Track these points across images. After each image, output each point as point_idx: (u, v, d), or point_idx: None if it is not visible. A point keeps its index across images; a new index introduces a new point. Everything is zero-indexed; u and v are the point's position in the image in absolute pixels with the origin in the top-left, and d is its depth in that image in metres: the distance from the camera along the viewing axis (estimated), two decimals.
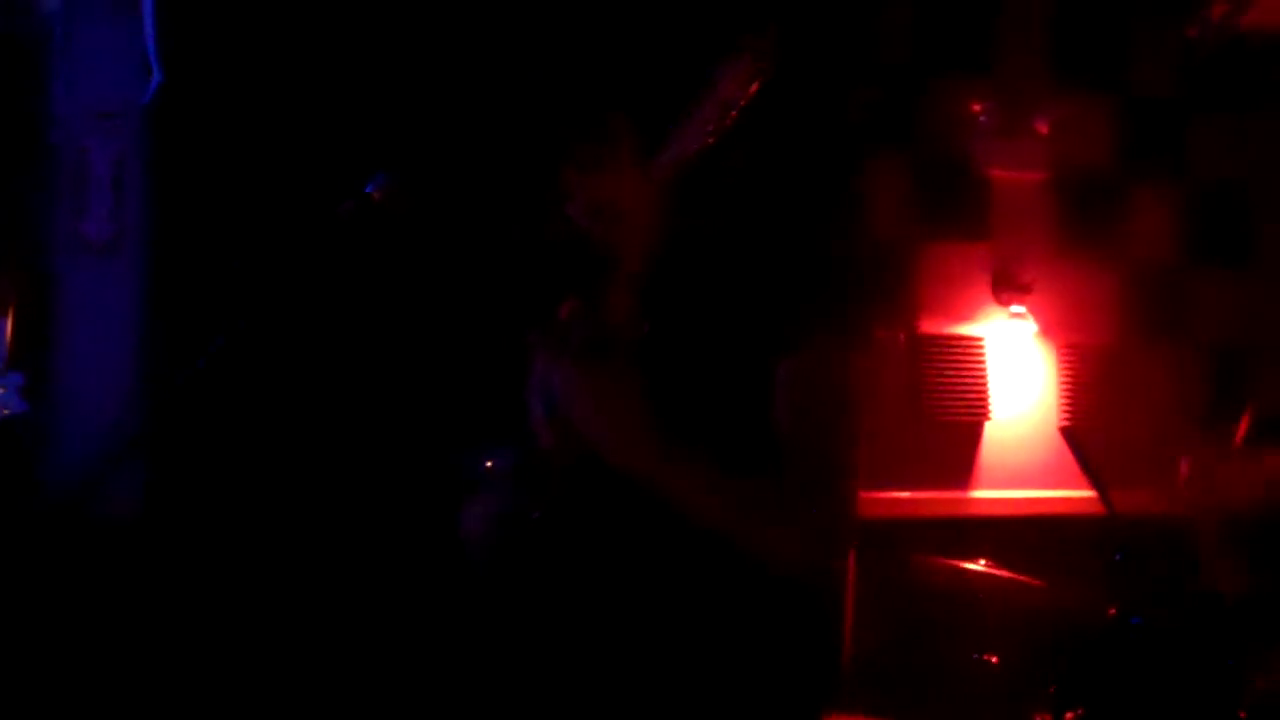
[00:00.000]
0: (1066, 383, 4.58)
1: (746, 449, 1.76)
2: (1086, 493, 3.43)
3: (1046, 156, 4.57)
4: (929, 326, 4.41)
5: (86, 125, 3.18)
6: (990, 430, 4.47)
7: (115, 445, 1.52)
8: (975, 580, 3.49)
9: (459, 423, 2.25)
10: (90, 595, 2.65)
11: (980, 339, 4.46)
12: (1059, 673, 3.22)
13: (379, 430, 2.46)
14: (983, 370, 4.45)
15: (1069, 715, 3.19)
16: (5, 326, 2.98)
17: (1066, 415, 4.55)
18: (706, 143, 1.65)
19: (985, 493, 4.45)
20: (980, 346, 4.45)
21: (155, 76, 3.01)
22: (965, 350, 4.44)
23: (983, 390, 4.44)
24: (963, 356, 4.43)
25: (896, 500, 4.25)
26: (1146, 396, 4.68)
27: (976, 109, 4.45)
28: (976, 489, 4.45)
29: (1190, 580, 3.25)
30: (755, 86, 1.63)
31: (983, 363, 4.45)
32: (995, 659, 3.48)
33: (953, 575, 3.51)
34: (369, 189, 1.65)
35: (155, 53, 3.00)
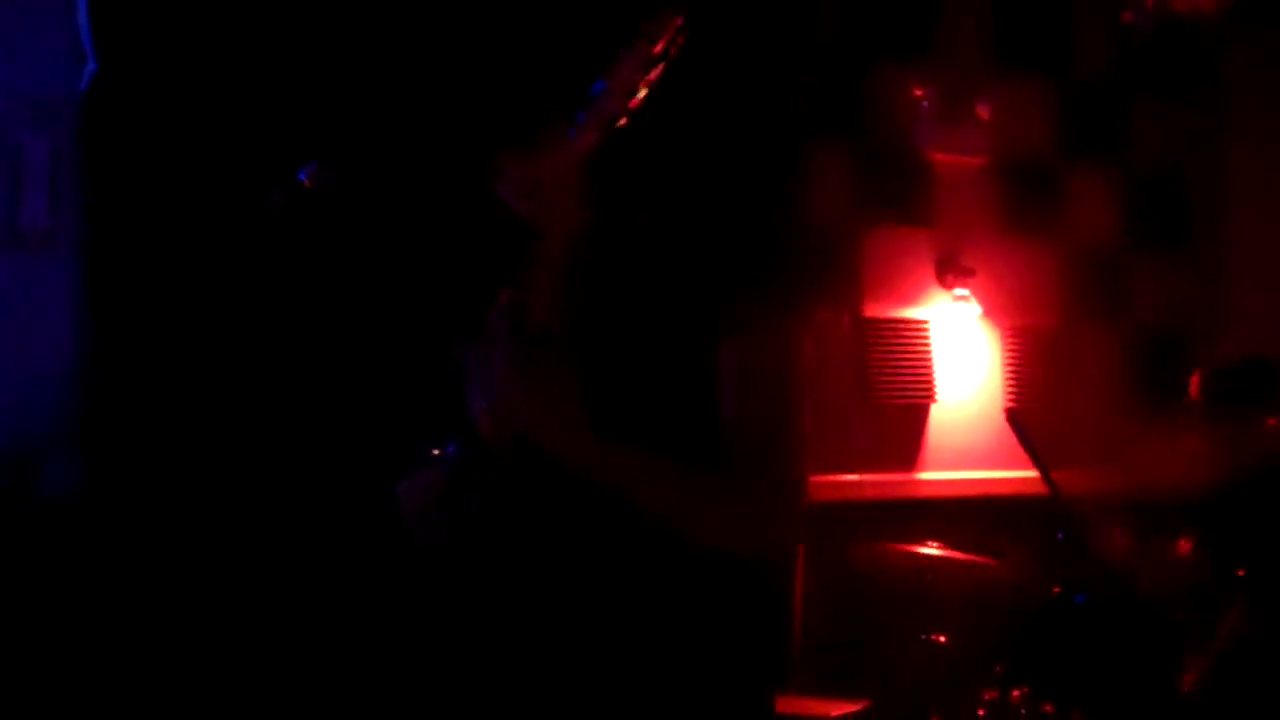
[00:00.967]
0: (1010, 364, 4.63)
1: (688, 434, 1.76)
2: (1031, 473, 3.47)
3: (988, 141, 4.61)
4: (874, 310, 4.43)
5: (20, 115, 3.13)
6: (936, 412, 4.51)
7: (51, 436, 1.50)
8: (922, 561, 3.52)
9: (397, 409, 2.25)
10: (28, 582, 2.63)
11: (925, 322, 4.49)
12: (1006, 651, 3.26)
13: (316, 417, 2.45)
14: (928, 353, 4.48)
15: (1016, 692, 3.23)
16: None
17: (1011, 396, 4.60)
18: (614, 125, 1.66)
19: (932, 474, 4.48)
20: (925, 329, 4.49)
21: (90, 65, 2.96)
22: (910, 333, 4.47)
23: (928, 372, 4.48)
24: (908, 339, 4.47)
25: (844, 483, 4.27)
26: (1088, 377, 4.74)
27: (918, 94, 4.48)
28: (923, 471, 4.49)
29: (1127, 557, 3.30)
30: (656, 72, 1.64)
31: (928, 345, 4.48)
32: (943, 638, 3.51)
33: (899, 559, 3.54)
34: (301, 176, 1.64)
35: (90, 41, 2.96)
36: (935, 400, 4.48)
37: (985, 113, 4.57)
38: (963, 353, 4.55)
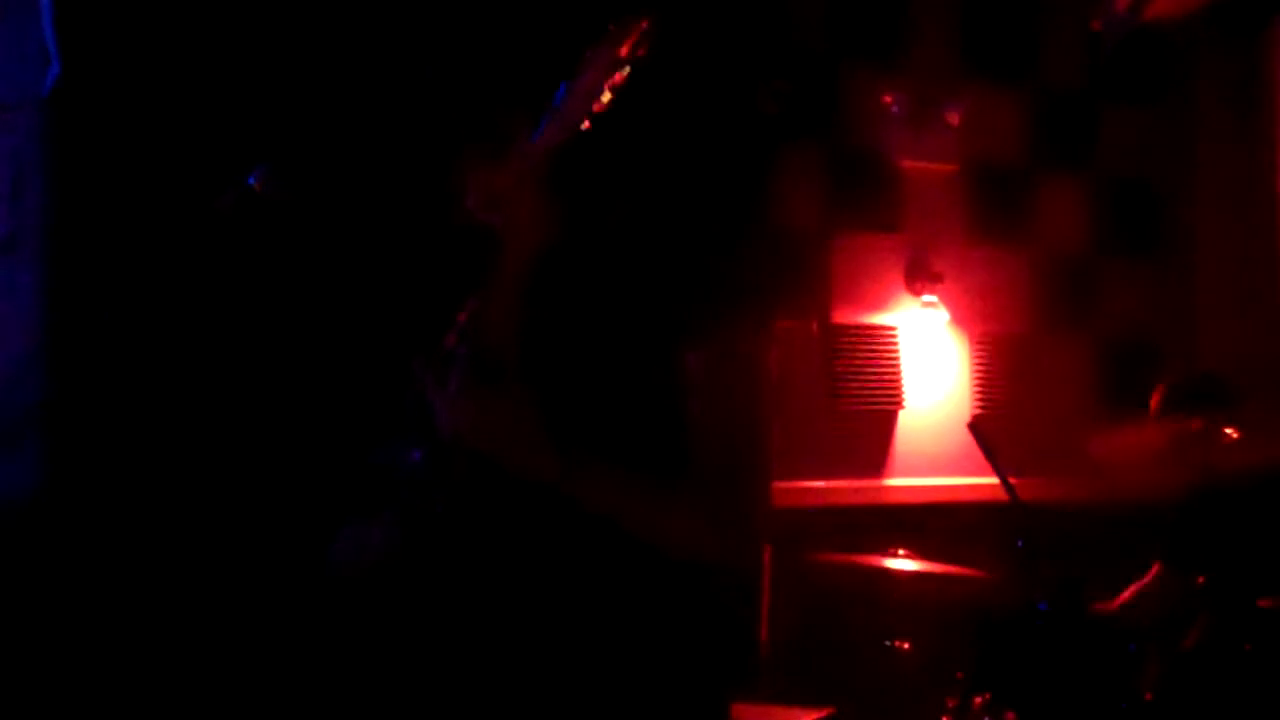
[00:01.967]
0: (978, 371, 4.64)
1: (654, 443, 1.76)
2: (996, 480, 3.47)
3: (957, 148, 4.62)
4: (842, 316, 4.44)
5: None
6: (903, 419, 4.51)
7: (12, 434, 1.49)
8: (887, 568, 3.52)
9: (356, 419, 2.24)
10: None
11: (893, 328, 4.50)
12: (968, 658, 3.27)
13: (272, 426, 2.44)
14: (896, 359, 4.49)
15: (978, 699, 3.24)
16: None
17: (978, 403, 4.61)
18: (576, 131, 1.65)
19: (899, 481, 4.49)
20: (893, 336, 4.50)
21: (54, 68, 2.95)
22: (879, 339, 4.48)
23: (896, 379, 4.49)
24: (876, 346, 4.47)
25: (811, 489, 4.28)
26: (1056, 384, 4.75)
27: (888, 101, 4.49)
28: (891, 477, 4.49)
29: (1088, 565, 3.31)
30: (621, 75, 1.63)
31: (896, 352, 4.49)
32: (907, 645, 3.52)
33: (864, 565, 3.54)
34: (250, 180, 1.64)
35: (54, 43, 2.94)
36: (903, 407, 4.49)
37: (955, 120, 4.58)
38: (931, 359, 4.56)
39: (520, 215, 1.76)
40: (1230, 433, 3.26)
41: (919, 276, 4.53)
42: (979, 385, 4.63)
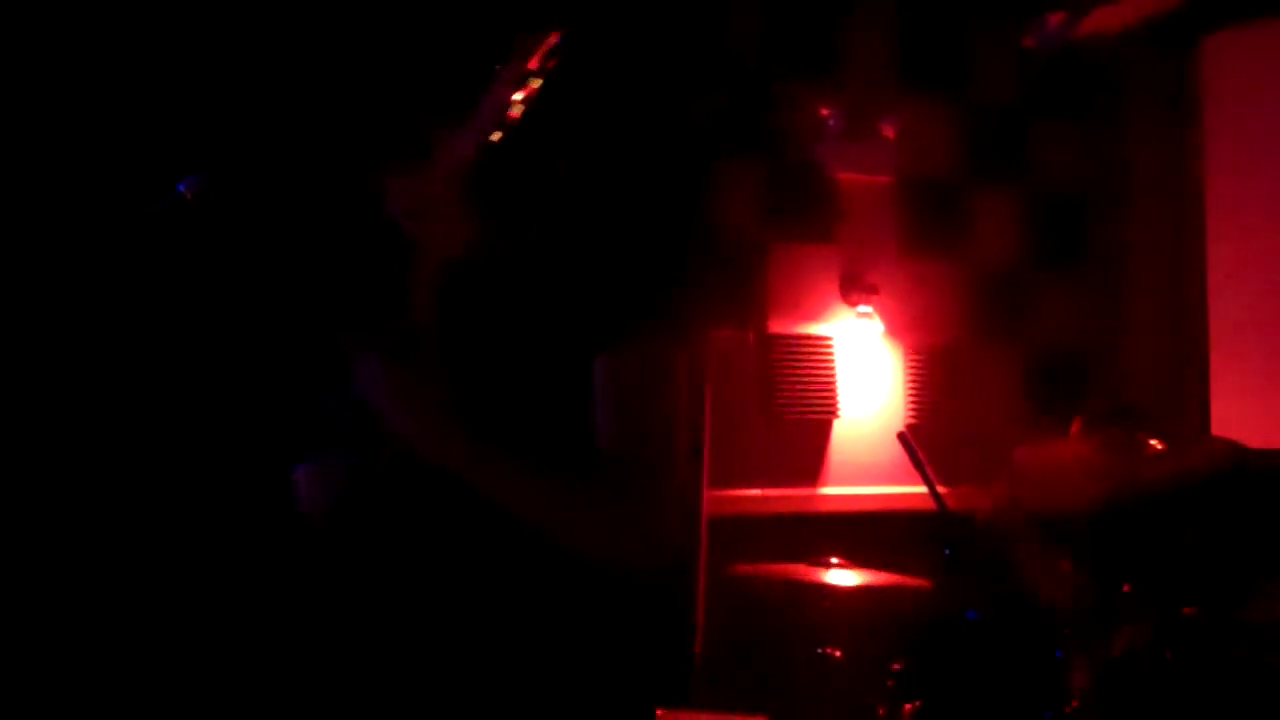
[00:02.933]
0: (912, 381, 4.69)
1: (568, 448, 1.77)
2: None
3: (892, 160, 4.67)
4: (778, 326, 4.47)
5: None
6: (838, 428, 4.55)
7: None
8: (818, 576, 3.55)
9: (279, 411, 2.24)
10: None
11: (829, 338, 4.54)
12: (898, 665, 3.30)
13: (200, 423, 2.44)
14: (831, 369, 4.53)
15: (907, 707, 3.27)
16: None
17: (912, 412, 4.66)
18: (487, 141, 1.67)
19: (834, 489, 4.53)
20: (829, 346, 4.53)
21: None
22: (814, 349, 4.52)
23: (831, 389, 4.52)
24: (812, 355, 4.51)
25: (746, 497, 4.31)
26: (987, 395, 4.81)
27: (824, 113, 4.53)
28: (825, 486, 4.53)
29: (1016, 574, 3.35)
30: (532, 88, 1.65)
31: (831, 362, 4.53)
32: (838, 653, 3.54)
33: (796, 573, 3.57)
34: (180, 188, 1.64)
35: None
36: (838, 416, 4.53)
37: (890, 132, 4.63)
38: (865, 370, 4.60)
39: (439, 222, 1.77)
40: (1152, 445, 3.32)
41: (854, 287, 4.57)
42: (912, 395, 4.68)
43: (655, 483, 1.78)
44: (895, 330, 4.65)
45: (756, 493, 4.35)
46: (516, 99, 1.64)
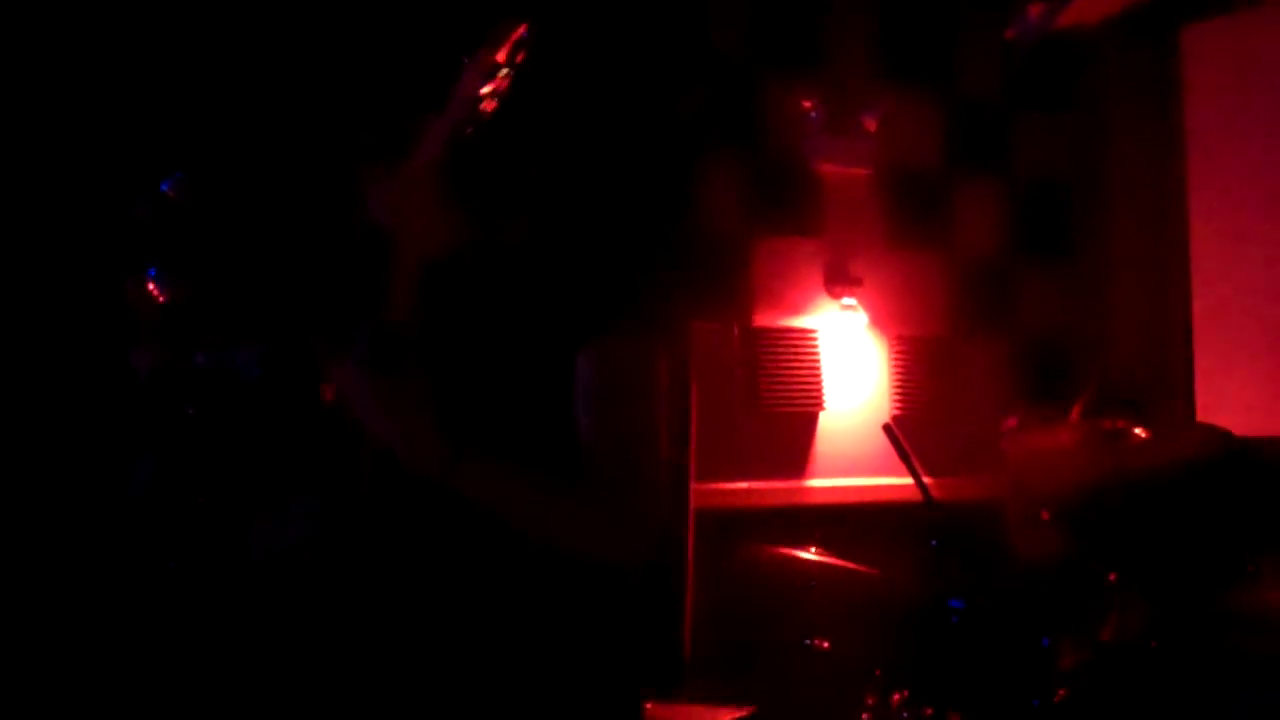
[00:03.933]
0: (897, 373, 4.70)
1: (547, 443, 1.77)
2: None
3: (875, 153, 4.68)
4: (763, 319, 4.48)
5: None
6: (824, 420, 4.56)
7: None
8: (806, 567, 3.56)
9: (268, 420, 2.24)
10: None
11: (814, 331, 4.54)
12: (886, 655, 3.31)
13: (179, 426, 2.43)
14: (816, 361, 4.54)
15: (896, 696, 3.29)
16: None
17: (897, 404, 4.67)
18: (460, 136, 1.67)
19: (820, 481, 4.54)
20: (814, 338, 4.54)
21: None
22: (799, 342, 4.52)
23: (816, 381, 4.53)
24: (797, 348, 4.52)
25: (734, 490, 4.31)
26: (972, 385, 4.83)
27: (807, 106, 4.53)
28: (811, 478, 4.54)
29: (1002, 562, 3.37)
30: (499, 83, 1.65)
31: (816, 354, 4.54)
32: (826, 644, 3.56)
33: (784, 563, 3.58)
34: (164, 188, 1.64)
35: None
36: (824, 408, 4.54)
37: (872, 125, 4.63)
38: (851, 362, 4.61)
39: (418, 219, 1.77)
40: (1140, 433, 3.34)
41: (838, 280, 4.58)
42: (898, 386, 4.69)
43: (639, 476, 1.78)
44: (880, 322, 4.66)
45: (743, 485, 4.35)
46: (485, 92, 1.64)
